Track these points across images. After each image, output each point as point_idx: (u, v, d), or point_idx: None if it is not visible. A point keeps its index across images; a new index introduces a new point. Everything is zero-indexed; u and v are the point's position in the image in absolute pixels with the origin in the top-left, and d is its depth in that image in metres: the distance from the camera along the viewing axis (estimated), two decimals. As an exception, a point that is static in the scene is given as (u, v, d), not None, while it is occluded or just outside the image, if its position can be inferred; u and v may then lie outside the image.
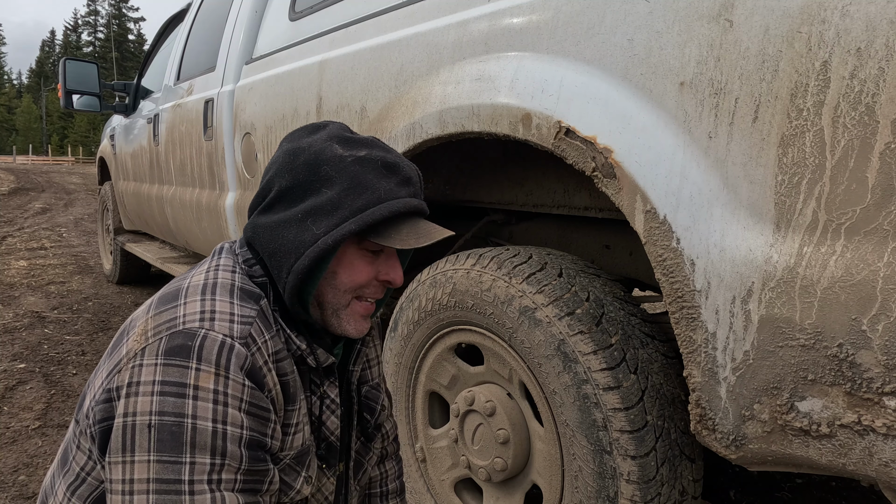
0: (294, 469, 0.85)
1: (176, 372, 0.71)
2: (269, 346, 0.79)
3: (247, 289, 0.83)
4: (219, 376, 0.72)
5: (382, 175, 0.84)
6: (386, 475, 1.22)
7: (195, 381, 0.71)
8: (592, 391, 1.12)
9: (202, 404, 0.71)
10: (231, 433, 0.72)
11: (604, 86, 1.06)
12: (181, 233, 3.34)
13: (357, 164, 0.83)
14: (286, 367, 0.82)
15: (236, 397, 0.73)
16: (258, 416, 0.76)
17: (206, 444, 0.70)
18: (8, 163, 33.98)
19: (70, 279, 5.11)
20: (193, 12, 3.40)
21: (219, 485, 0.71)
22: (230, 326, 0.76)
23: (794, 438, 0.88)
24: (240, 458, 0.73)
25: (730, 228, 0.90)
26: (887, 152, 0.75)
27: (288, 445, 0.84)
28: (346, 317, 0.88)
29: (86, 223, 9.01)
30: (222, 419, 0.71)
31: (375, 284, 0.89)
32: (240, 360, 0.74)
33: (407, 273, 2.35)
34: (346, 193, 0.81)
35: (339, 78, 1.79)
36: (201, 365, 0.72)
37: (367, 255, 0.87)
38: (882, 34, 0.74)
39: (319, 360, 0.87)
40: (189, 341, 0.73)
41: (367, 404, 1.07)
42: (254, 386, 0.75)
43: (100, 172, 5.42)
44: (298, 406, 0.85)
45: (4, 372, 2.97)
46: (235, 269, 0.85)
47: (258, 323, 0.79)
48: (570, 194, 1.58)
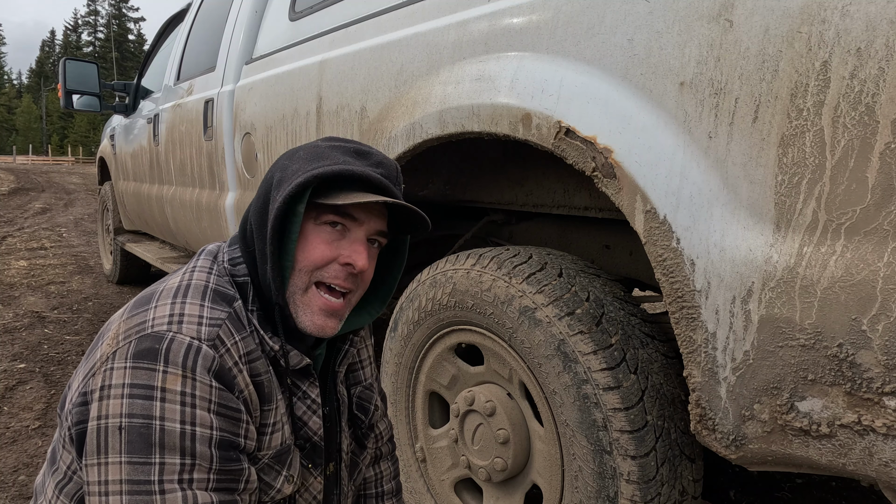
0: (274, 468, 0.85)
1: (144, 375, 0.73)
2: (241, 346, 0.80)
3: (220, 290, 0.84)
4: (185, 378, 0.73)
5: (349, 154, 0.86)
6: (381, 476, 1.21)
7: (162, 383, 0.72)
8: (592, 391, 1.12)
9: (169, 406, 0.72)
10: (200, 434, 0.73)
11: (604, 86, 1.06)
12: (181, 233, 3.34)
13: (329, 148, 0.87)
14: (260, 368, 0.82)
15: (204, 398, 0.74)
16: (228, 416, 0.76)
17: (174, 445, 0.72)
18: (8, 163, 33.99)
19: (70, 279, 5.11)
20: (193, 12, 3.40)
21: (190, 484, 0.72)
22: (198, 329, 0.77)
23: (794, 438, 0.88)
24: (210, 457, 0.74)
25: (730, 228, 0.90)
26: (887, 152, 0.75)
27: (266, 445, 0.84)
28: (301, 305, 0.86)
29: (86, 223, 9.01)
30: (190, 420, 0.73)
31: (336, 268, 0.86)
32: (206, 361, 0.75)
33: (407, 273, 2.35)
34: (305, 163, 0.84)
35: (339, 78, 1.79)
36: (168, 367, 0.73)
37: (325, 231, 0.86)
38: (882, 34, 0.74)
39: (291, 362, 0.87)
40: (156, 344, 0.74)
41: (361, 404, 1.07)
42: (222, 387, 0.75)
43: (100, 172, 5.42)
44: (275, 405, 0.85)
45: (4, 372, 2.97)
46: (211, 271, 0.86)
47: (227, 325, 0.80)
48: (570, 194, 1.58)
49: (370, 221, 0.88)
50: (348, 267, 0.86)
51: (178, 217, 3.25)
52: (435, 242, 2.33)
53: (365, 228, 0.87)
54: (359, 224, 0.87)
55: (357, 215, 0.86)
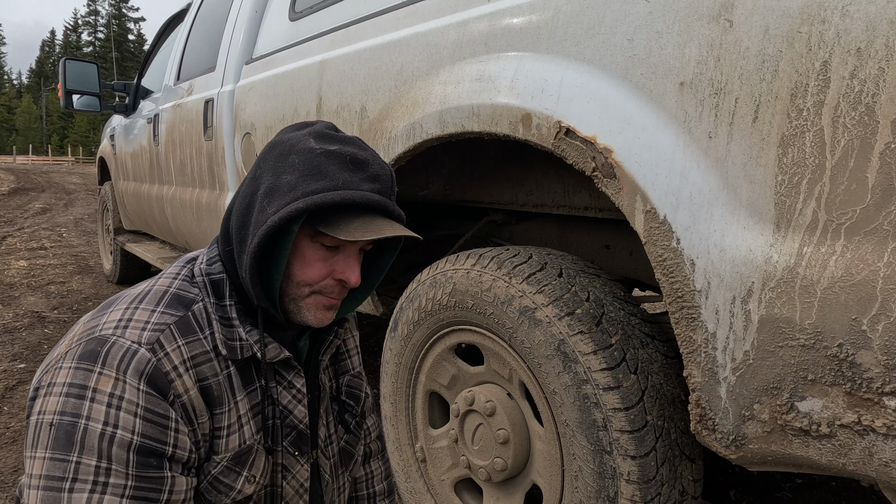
0: (233, 470, 0.85)
1: (81, 375, 0.75)
2: (184, 350, 0.80)
3: (179, 294, 0.85)
4: (117, 381, 0.74)
5: (347, 168, 0.84)
6: (372, 475, 1.22)
7: (95, 384, 0.74)
8: (592, 391, 1.12)
9: (97, 407, 0.73)
10: (120, 437, 0.73)
11: (604, 86, 1.06)
12: (181, 233, 3.34)
13: (324, 156, 0.83)
14: (207, 371, 0.82)
15: (132, 402, 0.74)
16: (155, 422, 0.76)
17: (93, 447, 0.72)
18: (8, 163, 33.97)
19: (70, 279, 5.11)
20: (193, 12, 3.40)
21: (104, 488, 0.72)
22: (140, 333, 0.78)
23: (794, 438, 0.88)
24: (126, 462, 0.74)
25: (730, 228, 0.90)
26: (887, 152, 0.75)
27: (223, 448, 0.84)
28: (304, 306, 0.88)
29: (86, 223, 9.01)
30: (113, 422, 0.73)
31: (331, 283, 0.88)
32: (140, 365, 0.76)
33: (407, 273, 2.35)
34: (303, 178, 0.82)
35: (339, 78, 1.79)
36: (104, 370, 0.75)
37: (321, 251, 0.86)
38: (882, 34, 0.74)
39: (269, 354, 0.87)
40: (99, 347, 0.76)
41: (351, 392, 1.09)
42: (151, 392, 0.76)
43: (100, 172, 5.42)
44: (229, 407, 0.85)
45: (4, 372, 2.97)
46: (177, 277, 0.88)
47: (172, 329, 0.81)
48: (570, 194, 1.58)
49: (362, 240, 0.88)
50: (342, 282, 0.88)
51: (178, 217, 3.25)
52: (435, 242, 2.33)
53: (358, 244, 0.88)
54: (354, 241, 0.86)
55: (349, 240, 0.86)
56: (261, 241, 0.80)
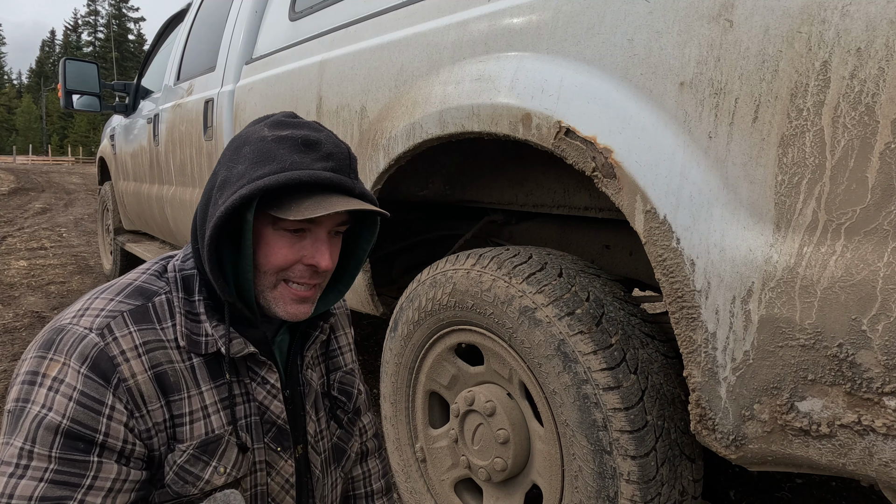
0: (200, 459, 0.85)
1: (36, 363, 0.77)
2: (136, 336, 0.81)
3: (142, 287, 0.87)
4: (64, 365, 0.76)
5: (297, 150, 0.83)
6: (369, 474, 1.22)
7: (45, 369, 0.76)
8: (592, 391, 1.12)
9: (41, 391, 0.75)
10: (50, 419, 0.74)
11: (604, 86, 1.06)
12: (181, 233, 3.34)
13: (274, 142, 0.83)
14: (161, 357, 0.82)
15: (70, 385, 0.76)
16: (88, 406, 0.76)
17: (25, 428, 0.74)
18: (8, 163, 33.98)
19: (70, 279, 5.11)
20: (193, 12, 3.40)
21: (24, 470, 0.73)
22: (93, 320, 0.80)
23: (794, 438, 0.88)
24: (51, 444, 0.74)
25: (730, 228, 0.90)
26: (887, 152, 0.75)
27: (186, 436, 0.84)
28: (272, 299, 0.88)
29: (86, 223, 9.01)
30: (49, 405, 0.75)
31: (301, 268, 0.87)
32: (86, 349, 0.77)
33: (407, 273, 2.35)
34: (251, 166, 0.82)
35: (339, 78, 1.79)
36: (55, 355, 0.77)
37: (285, 237, 0.85)
38: (882, 34, 0.74)
39: (233, 349, 0.87)
40: (56, 336, 0.79)
41: (343, 388, 1.09)
42: (91, 376, 0.76)
43: (100, 172, 5.42)
44: (189, 395, 0.85)
45: (4, 372, 2.97)
46: (145, 271, 0.90)
47: (125, 316, 0.82)
48: (570, 194, 1.58)
49: (329, 220, 0.87)
50: (312, 267, 0.87)
51: (178, 217, 3.25)
52: (435, 242, 2.33)
53: (325, 226, 0.87)
54: (318, 223, 0.86)
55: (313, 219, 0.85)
56: (213, 233, 0.80)
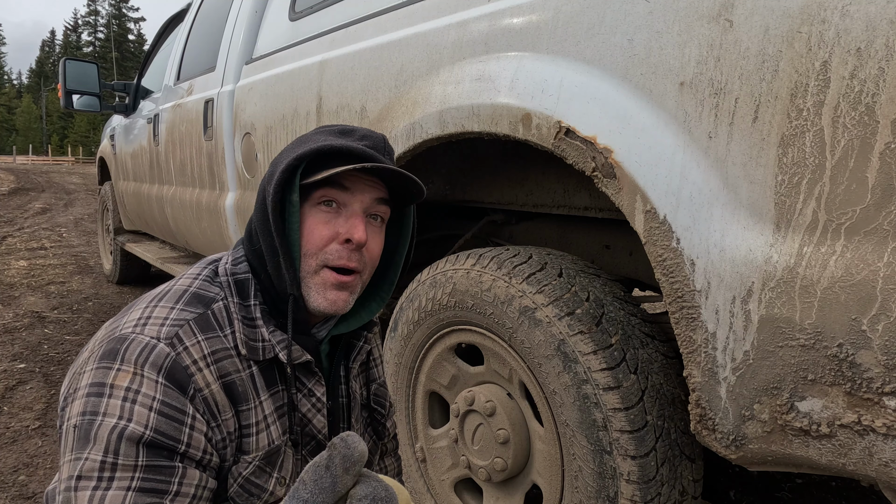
0: (265, 471, 0.85)
1: (101, 374, 0.75)
2: (204, 346, 0.80)
3: (199, 293, 0.85)
4: (135, 375, 0.74)
5: (333, 134, 0.88)
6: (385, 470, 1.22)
7: (113, 380, 0.74)
8: (592, 391, 1.12)
9: (113, 402, 0.73)
10: (131, 430, 0.72)
11: (604, 86, 1.06)
12: (181, 233, 3.34)
13: (312, 133, 0.89)
14: (229, 367, 0.82)
15: (148, 395, 0.74)
16: (170, 416, 0.75)
17: (102, 440, 0.72)
18: (8, 163, 33.96)
19: (70, 279, 5.11)
20: (193, 12, 3.40)
21: (109, 482, 0.71)
22: (159, 329, 0.78)
23: (794, 438, 0.88)
24: (136, 455, 0.72)
25: (730, 228, 0.90)
26: (887, 152, 0.75)
27: (254, 447, 0.83)
28: (314, 286, 0.86)
29: (86, 223, 9.01)
30: (127, 416, 0.73)
31: (337, 247, 0.86)
32: (159, 358, 0.76)
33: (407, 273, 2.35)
34: (289, 152, 0.86)
35: (339, 78, 1.79)
36: (122, 366, 0.75)
37: (322, 213, 0.86)
38: (882, 34, 0.74)
39: (293, 355, 0.86)
40: (119, 346, 0.76)
41: (378, 401, 1.08)
42: (170, 385, 0.75)
43: (100, 172, 5.42)
44: (254, 405, 0.84)
45: (4, 372, 2.97)
46: (198, 277, 0.88)
47: (191, 325, 0.80)
48: (570, 194, 1.58)
49: (363, 193, 0.87)
50: (349, 244, 0.86)
51: (178, 217, 3.25)
52: (435, 242, 2.33)
53: (359, 200, 0.87)
54: (352, 196, 0.87)
55: (348, 185, 0.86)
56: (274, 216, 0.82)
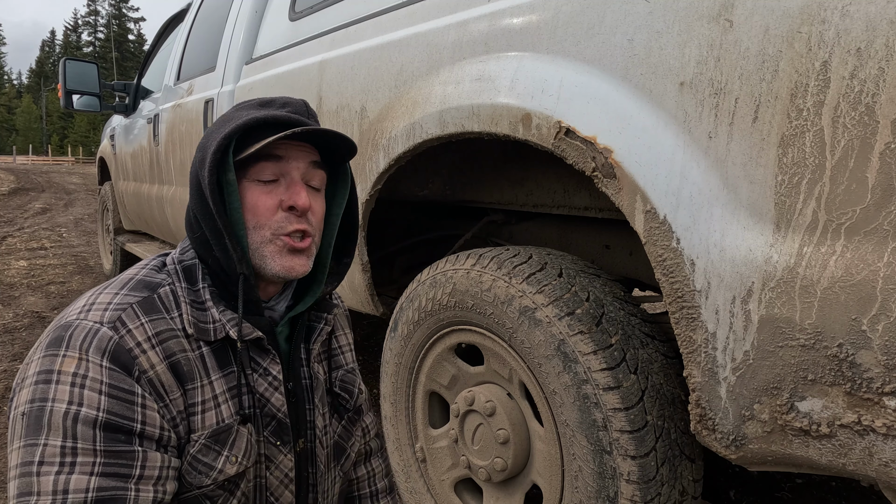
0: (213, 449, 0.85)
1: (48, 361, 0.76)
2: (148, 328, 0.81)
3: (144, 280, 0.87)
4: (81, 360, 0.75)
5: (253, 108, 0.89)
6: (373, 473, 1.22)
7: (59, 366, 0.75)
8: (592, 391, 1.12)
9: (61, 388, 0.74)
10: (84, 414, 0.73)
11: (604, 86, 1.06)
12: (181, 233, 3.34)
13: (233, 110, 0.90)
14: (174, 347, 0.83)
15: (95, 379, 0.75)
16: (119, 398, 0.76)
17: (58, 426, 0.73)
18: (8, 163, 33.97)
19: (70, 279, 5.11)
20: (193, 12, 3.40)
21: (72, 467, 0.72)
22: (101, 314, 0.80)
23: (794, 438, 0.88)
24: (93, 439, 0.74)
25: (730, 228, 0.90)
26: (887, 152, 0.75)
27: (198, 425, 0.84)
28: (269, 254, 0.88)
29: (86, 223, 9.01)
30: (77, 401, 0.74)
31: (285, 216, 0.88)
32: (102, 342, 0.77)
33: (407, 273, 2.35)
34: (215, 133, 0.86)
35: (339, 78, 1.79)
36: (67, 351, 0.76)
37: (261, 186, 0.88)
38: (882, 34, 0.74)
39: (243, 332, 0.87)
40: (63, 332, 0.78)
41: (344, 387, 1.10)
42: (115, 368, 0.76)
43: (100, 172, 5.42)
44: (201, 384, 0.85)
45: (4, 372, 2.97)
46: (145, 266, 0.90)
47: (134, 308, 0.82)
48: (570, 194, 1.58)
49: (297, 160, 0.89)
50: (293, 211, 0.88)
51: (178, 217, 3.25)
52: (435, 242, 2.33)
53: (295, 167, 0.89)
54: (286, 164, 0.88)
55: (281, 154, 0.88)
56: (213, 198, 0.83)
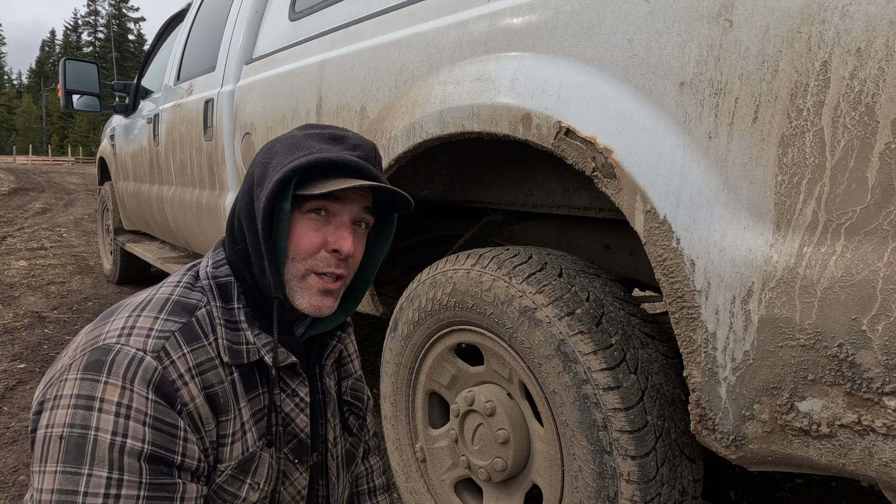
0: (237, 478, 0.85)
1: (88, 386, 0.74)
2: (189, 358, 0.80)
3: (182, 301, 0.85)
4: (124, 389, 0.74)
5: (325, 141, 0.88)
6: (371, 470, 1.24)
7: (102, 393, 0.73)
8: (592, 391, 1.12)
9: (105, 416, 0.72)
10: (130, 446, 0.72)
11: (604, 86, 1.06)
12: (181, 233, 3.34)
13: (303, 137, 0.88)
14: (213, 378, 0.82)
15: (140, 411, 0.74)
16: (163, 431, 0.75)
17: (103, 458, 0.71)
18: (8, 163, 33.96)
19: (70, 279, 5.11)
20: (193, 12, 3.40)
21: (116, 499, 0.71)
22: (144, 341, 0.78)
23: (794, 438, 0.88)
24: (139, 471, 0.73)
25: (730, 228, 0.90)
26: (887, 152, 0.75)
27: (227, 456, 0.84)
28: (298, 289, 0.88)
29: (86, 223, 9.01)
30: (122, 432, 0.72)
31: (325, 256, 0.88)
32: (147, 373, 0.75)
33: (407, 273, 2.35)
34: (282, 157, 0.85)
35: (339, 78, 1.79)
36: (110, 378, 0.74)
37: (311, 221, 0.87)
38: (882, 34, 0.74)
39: (278, 358, 0.87)
40: (104, 356, 0.75)
41: (355, 395, 1.11)
42: (159, 400, 0.75)
43: (100, 172, 5.42)
44: (234, 415, 0.84)
45: (4, 372, 2.97)
46: (179, 284, 0.87)
47: (176, 336, 0.80)
48: (570, 194, 1.58)
49: (352, 204, 0.89)
50: (336, 254, 0.88)
51: (178, 217, 3.25)
52: (435, 242, 2.33)
53: (348, 211, 0.89)
54: (341, 206, 0.88)
55: (340, 196, 0.87)
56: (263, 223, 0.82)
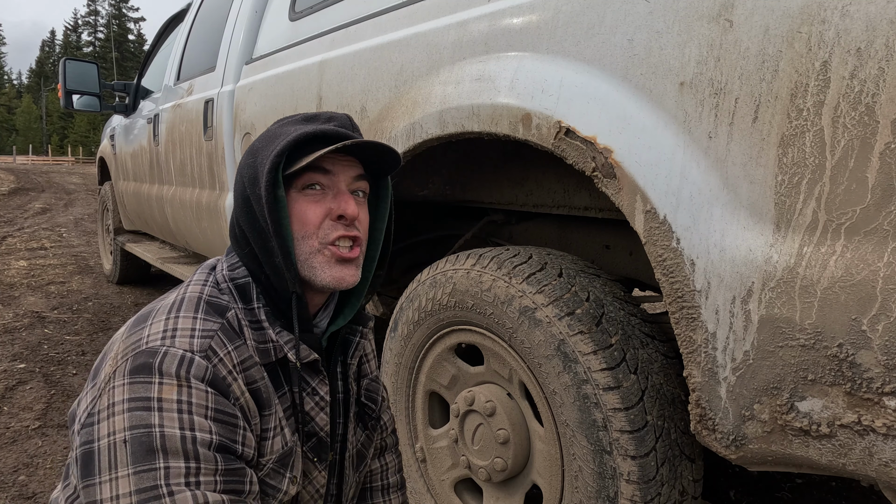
0: (279, 472, 0.86)
1: (141, 388, 0.74)
2: (234, 356, 0.81)
3: (213, 302, 0.85)
4: (181, 387, 0.74)
5: (299, 123, 0.89)
6: (386, 468, 1.23)
7: (158, 393, 0.74)
8: (592, 391, 1.12)
9: (167, 414, 0.73)
10: (200, 438, 0.73)
11: (604, 86, 1.06)
12: (181, 233, 3.34)
13: (279, 127, 0.90)
14: (255, 375, 0.83)
15: (201, 405, 0.75)
16: (226, 422, 0.76)
17: (177, 450, 0.72)
18: (8, 163, 33.95)
19: (70, 279, 5.11)
20: (193, 12, 3.40)
21: (198, 486, 0.72)
22: (190, 341, 0.78)
23: (794, 438, 0.88)
24: (213, 460, 0.74)
25: (730, 228, 0.90)
26: (887, 152, 0.75)
27: (269, 450, 0.85)
28: (318, 265, 0.87)
29: (86, 223, 9.01)
30: (189, 426, 0.73)
31: (333, 224, 0.88)
32: (200, 370, 0.76)
33: (407, 273, 2.35)
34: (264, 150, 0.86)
35: (339, 78, 1.79)
36: (163, 379, 0.74)
37: (308, 197, 0.88)
38: (882, 34, 0.74)
39: (300, 355, 0.87)
40: (151, 359, 0.76)
41: (370, 395, 1.10)
42: (217, 393, 0.76)
43: (100, 172, 5.42)
44: (273, 410, 0.86)
45: (4, 372, 2.97)
46: (206, 283, 0.88)
47: (220, 335, 0.81)
48: (570, 194, 1.58)
49: (344, 171, 0.89)
50: (342, 220, 0.88)
51: (178, 217, 3.25)
52: (435, 242, 2.33)
53: (342, 178, 0.89)
54: (334, 178, 0.89)
55: (328, 168, 0.88)
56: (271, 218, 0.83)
